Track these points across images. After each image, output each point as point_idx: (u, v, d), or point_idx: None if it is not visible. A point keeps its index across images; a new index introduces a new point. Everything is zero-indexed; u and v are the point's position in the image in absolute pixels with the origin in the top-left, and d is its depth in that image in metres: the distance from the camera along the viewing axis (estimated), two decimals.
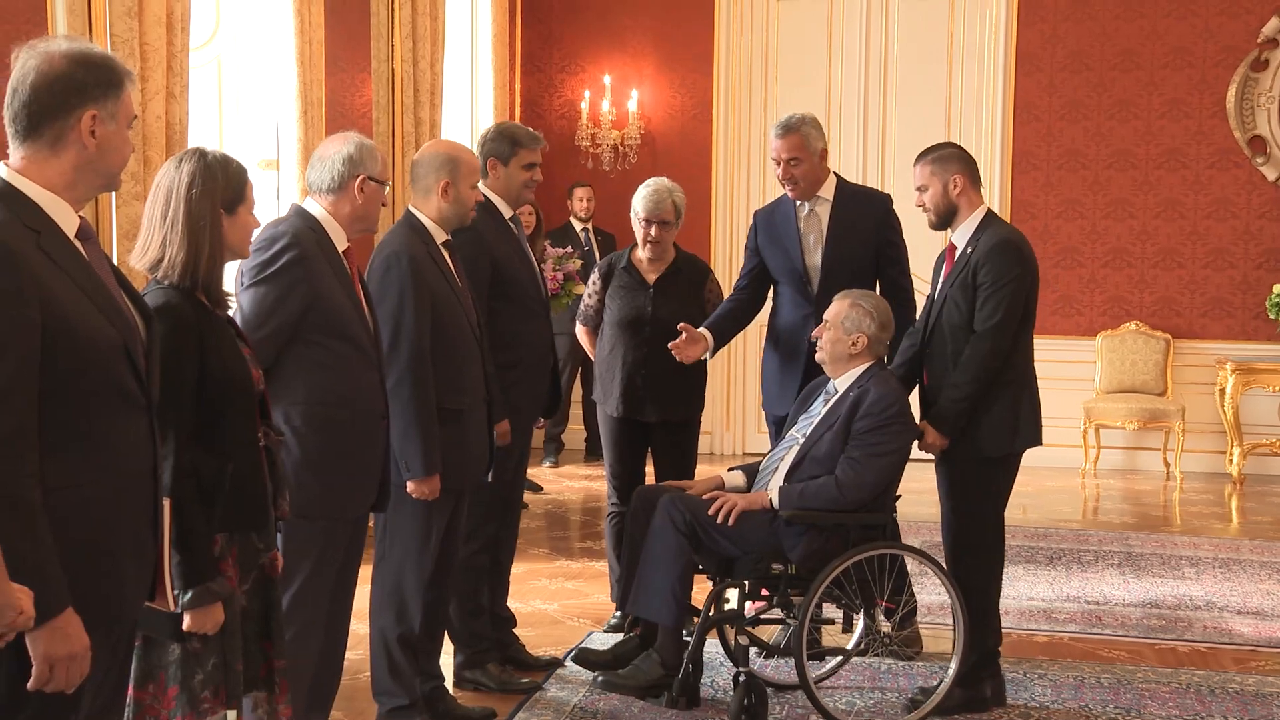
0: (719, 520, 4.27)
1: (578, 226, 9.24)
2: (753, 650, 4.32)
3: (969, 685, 4.45)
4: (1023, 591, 5.99)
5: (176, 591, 2.79)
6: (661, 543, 4.26)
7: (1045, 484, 8.66)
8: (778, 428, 4.93)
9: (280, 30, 6.25)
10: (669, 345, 4.96)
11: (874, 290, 4.91)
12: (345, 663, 3.82)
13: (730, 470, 4.68)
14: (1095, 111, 9.27)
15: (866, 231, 4.98)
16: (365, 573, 4.15)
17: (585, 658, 4.63)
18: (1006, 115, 9.33)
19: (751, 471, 4.63)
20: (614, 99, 9.75)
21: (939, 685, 4.40)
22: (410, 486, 3.94)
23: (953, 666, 4.37)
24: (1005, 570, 4.62)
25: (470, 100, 9.09)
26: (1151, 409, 8.95)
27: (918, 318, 4.70)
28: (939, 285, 4.50)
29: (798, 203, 5.03)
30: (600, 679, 4.42)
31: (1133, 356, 9.16)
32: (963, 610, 4.34)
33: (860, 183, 6.10)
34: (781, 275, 5.09)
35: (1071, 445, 9.06)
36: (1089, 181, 9.31)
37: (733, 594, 4.40)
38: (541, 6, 9.90)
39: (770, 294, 5.26)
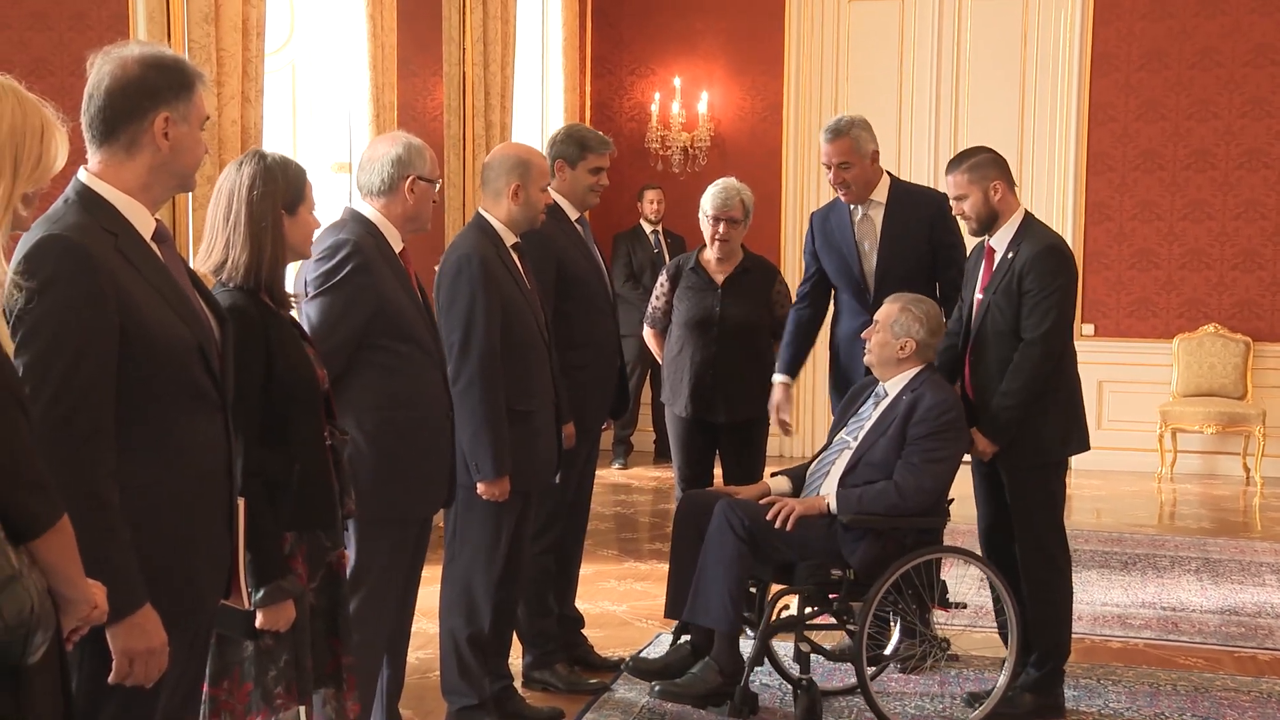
0: (777, 525, 4.24)
1: (647, 229, 9.25)
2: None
3: (1042, 691, 4.42)
4: (1096, 597, 5.90)
5: (250, 589, 2.83)
6: (720, 548, 4.21)
7: (1120, 488, 8.54)
8: None
9: (353, 35, 6.32)
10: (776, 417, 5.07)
11: (932, 293, 4.87)
12: (415, 661, 3.86)
13: (774, 475, 4.65)
14: (1173, 111, 9.12)
15: (920, 233, 4.89)
16: (435, 573, 4.19)
17: (639, 668, 4.57)
18: (1081, 116, 9.21)
19: (797, 476, 4.60)
20: (684, 101, 9.75)
21: (993, 690, 4.39)
22: (480, 488, 3.96)
23: (1006, 671, 4.35)
24: (1078, 575, 4.58)
25: (541, 103, 9.13)
26: (1230, 413, 8.79)
27: (952, 320, 4.64)
28: (976, 289, 4.45)
29: (852, 206, 4.98)
30: (657, 688, 4.36)
31: (1211, 359, 9.00)
32: (1016, 615, 4.33)
33: (931, 186, 6.03)
34: (839, 281, 5.04)
35: (1148, 449, 8.93)
36: (1166, 183, 9.16)
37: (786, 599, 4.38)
38: (612, 10, 9.93)
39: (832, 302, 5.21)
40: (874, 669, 4.54)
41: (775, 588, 4.39)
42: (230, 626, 2.83)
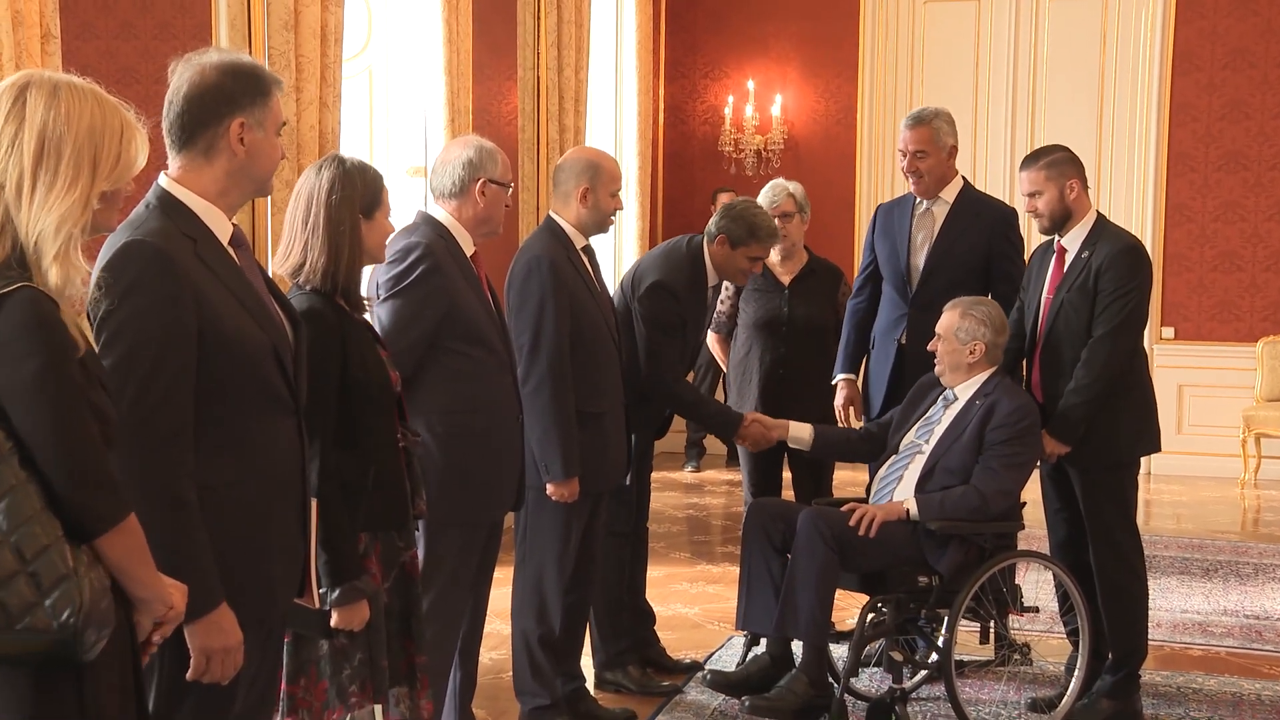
0: (860, 531, 4.21)
1: None
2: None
3: (1120, 697, 4.36)
4: (1176, 604, 5.80)
5: (323, 590, 2.86)
6: (810, 559, 4.15)
7: (1201, 494, 8.39)
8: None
9: (429, 40, 6.38)
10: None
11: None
12: (488, 662, 3.88)
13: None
14: (1259, 111, 8.94)
15: (977, 240, 4.82)
16: (508, 574, 4.22)
17: (718, 680, 4.51)
18: (1162, 116, 9.07)
19: (823, 433, 4.66)
20: (757, 104, 9.73)
21: (1062, 696, 4.35)
22: (550, 489, 3.97)
23: (1077, 677, 4.32)
24: (1158, 581, 4.52)
25: (615, 107, 9.17)
26: None
27: (1011, 323, 4.58)
28: (1044, 290, 4.40)
29: (917, 200, 4.95)
30: (748, 703, 4.29)
31: None
32: (1088, 620, 4.29)
33: (1007, 189, 5.96)
34: (886, 271, 4.99)
35: (1230, 455, 8.77)
36: (1250, 184, 8.99)
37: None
38: (685, 13, 9.93)
39: None
40: (919, 677, 4.53)
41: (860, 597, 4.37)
42: (306, 626, 2.86)
